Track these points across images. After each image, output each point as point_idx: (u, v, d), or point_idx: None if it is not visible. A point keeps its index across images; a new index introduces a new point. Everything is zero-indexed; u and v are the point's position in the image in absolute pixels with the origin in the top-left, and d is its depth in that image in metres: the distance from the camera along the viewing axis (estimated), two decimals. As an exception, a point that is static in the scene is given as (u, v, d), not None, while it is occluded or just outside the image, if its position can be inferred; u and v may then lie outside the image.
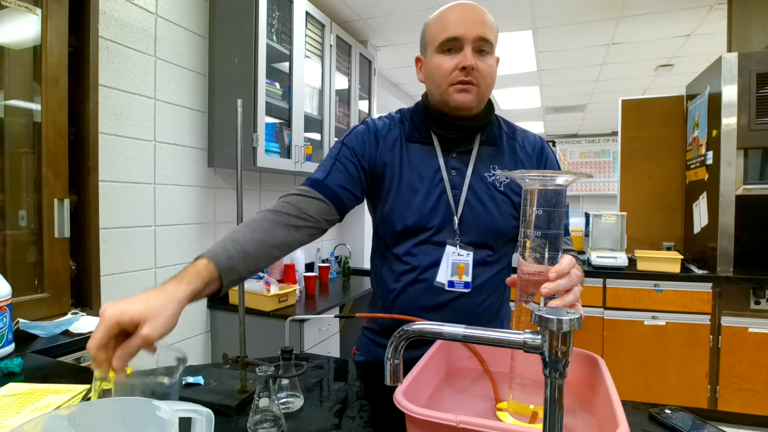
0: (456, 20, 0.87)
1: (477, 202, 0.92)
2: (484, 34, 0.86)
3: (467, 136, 0.95)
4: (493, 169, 0.94)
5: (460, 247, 0.92)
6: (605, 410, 0.57)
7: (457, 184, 0.93)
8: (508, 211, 0.93)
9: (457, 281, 0.92)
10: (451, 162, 0.94)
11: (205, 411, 0.54)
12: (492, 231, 0.92)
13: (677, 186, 3.15)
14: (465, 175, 0.93)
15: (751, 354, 2.45)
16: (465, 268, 0.92)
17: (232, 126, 2.09)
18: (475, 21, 0.86)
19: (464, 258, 0.92)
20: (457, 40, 0.86)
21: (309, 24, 2.46)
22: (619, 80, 4.45)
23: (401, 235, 0.95)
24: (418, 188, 0.93)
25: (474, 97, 0.88)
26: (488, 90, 0.91)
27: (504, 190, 0.93)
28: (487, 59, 0.88)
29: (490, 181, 0.93)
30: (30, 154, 1.46)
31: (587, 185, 7.48)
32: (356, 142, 0.96)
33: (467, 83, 0.87)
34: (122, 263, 1.76)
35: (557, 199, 0.63)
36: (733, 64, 2.44)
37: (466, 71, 0.86)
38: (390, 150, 0.96)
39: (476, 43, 0.86)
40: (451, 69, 0.87)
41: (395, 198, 0.94)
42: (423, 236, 0.93)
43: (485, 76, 0.88)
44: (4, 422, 0.69)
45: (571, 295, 0.63)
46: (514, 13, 2.98)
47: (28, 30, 1.43)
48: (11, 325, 1.08)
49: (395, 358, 0.53)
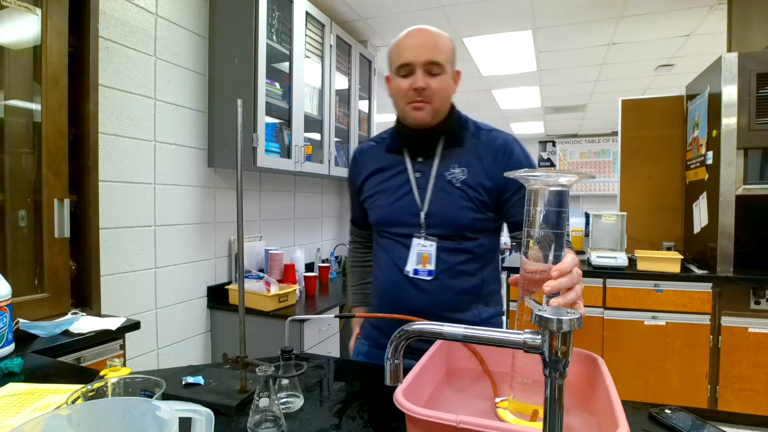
0: (408, 47, 1.00)
1: (437, 198, 1.04)
2: (432, 58, 0.98)
3: (430, 142, 1.07)
4: (452, 168, 1.05)
5: (425, 239, 1.05)
6: (605, 410, 0.57)
7: (423, 185, 1.06)
8: (464, 205, 1.03)
9: (421, 269, 1.05)
10: (417, 166, 1.08)
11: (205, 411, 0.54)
12: (451, 223, 1.03)
13: (677, 186, 3.15)
14: (429, 176, 1.05)
15: (751, 354, 2.44)
16: (429, 258, 1.04)
17: (232, 126, 2.09)
18: (425, 47, 0.99)
19: (427, 248, 1.04)
20: (410, 65, 0.99)
21: (309, 24, 2.46)
22: (619, 80, 4.45)
23: (379, 231, 1.13)
24: (389, 191, 1.10)
25: (427, 113, 1.01)
26: (443, 104, 1.03)
27: (460, 186, 1.03)
28: (438, 79, 1.00)
29: (448, 179, 1.04)
30: (30, 154, 1.46)
31: (587, 185, 7.48)
32: (349, 179, 1.24)
33: (420, 101, 1.00)
34: (122, 263, 1.76)
35: (560, 199, 0.63)
36: (733, 64, 2.44)
37: (417, 92, 0.99)
38: (366, 167, 1.16)
39: (426, 66, 0.99)
40: (405, 90, 1.01)
41: (372, 202, 1.13)
42: (394, 231, 1.09)
43: (436, 92, 1.00)
44: (4, 422, 0.69)
45: (573, 293, 0.64)
46: (514, 13, 2.98)
47: (28, 30, 1.43)
48: (11, 325, 1.08)
49: (395, 358, 0.53)
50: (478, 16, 2.99)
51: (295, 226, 2.93)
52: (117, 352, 1.40)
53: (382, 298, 1.12)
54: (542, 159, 8.17)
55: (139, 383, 0.63)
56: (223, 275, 2.31)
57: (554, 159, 7.89)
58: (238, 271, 1.30)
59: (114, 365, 0.83)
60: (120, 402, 0.52)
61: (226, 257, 2.32)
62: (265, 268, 2.45)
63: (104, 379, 0.63)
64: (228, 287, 2.25)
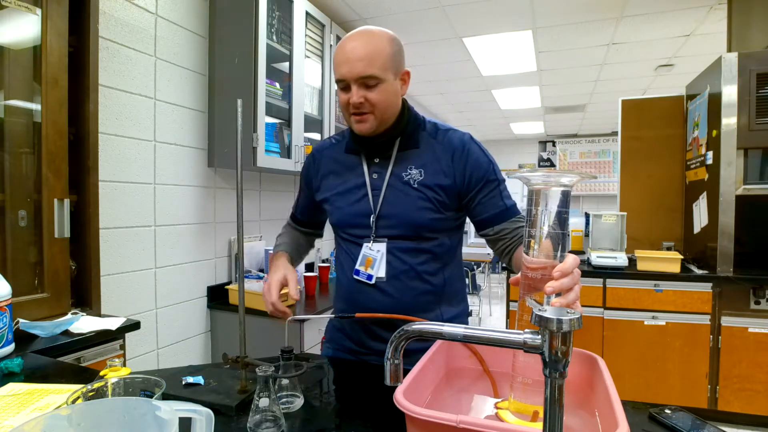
0: (341, 61, 0.97)
1: (394, 199, 1.03)
2: (364, 72, 0.94)
3: (384, 145, 1.05)
4: (410, 169, 1.03)
5: (374, 242, 1.04)
6: (605, 410, 0.57)
7: (378, 186, 1.05)
8: (422, 205, 1.01)
9: (362, 271, 1.04)
10: (373, 167, 1.07)
11: (205, 411, 0.54)
12: (408, 224, 1.02)
13: (677, 186, 3.15)
14: (384, 177, 1.04)
15: (751, 354, 2.45)
16: (372, 262, 1.04)
17: (232, 126, 2.09)
18: (357, 59, 0.94)
19: (373, 252, 1.04)
20: (344, 80, 0.97)
21: (309, 24, 2.46)
22: (619, 80, 4.45)
23: (336, 233, 1.14)
24: (343, 192, 1.09)
25: (370, 124, 1.00)
26: (385, 112, 1.00)
27: (417, 186, 1.02)
28: (377, 90, 0.97)
29: (405, 180, 1.03)
30: (30, 154, 1.46)
31: (587, 185, 7.48)
32: (305, 175, 1.20)
33: (360, 114, 0.99)
34: (122, 263, 1.76)
35: (562, 199, 0.63)
36: (733, 64, 2.44)
37: (355, 106, 0.98)
38: (325, 165, 1.14)
39: (359, 81, 0.96)
40: (345, 103, 1.00)
41: (331, 204, 1.11)
42: (348, 233, 1.09)
43: (376, 104, 0.97)
44: (4, 422, 0.69)
45: (573, 293, 0.64)
46: (514, 13, 2.98)
47: (28, 30, 1.43)
48: (11, 325, 1.08)
49: (395, 358, 0.53)
50: (478, 16, 2.99)
51: (295, 226, 2.93)
52: (117, 352, 1.40)
53: (344, 299, 1.10)
54: (542, 159, 8.18)
55: (139, 383, 0.63)
56: (223, 275, 2.31)
57: (554, 159, 7.89)
58: (238, 271, 1.30)
59: (114, 365, 0.83)
60: (120, 402, 0.52)
61: (226, 257, 2.32)
62: (265, 268, 2.45)
63: (104, 379, 0.63)
64: (228, 287, 2.24)
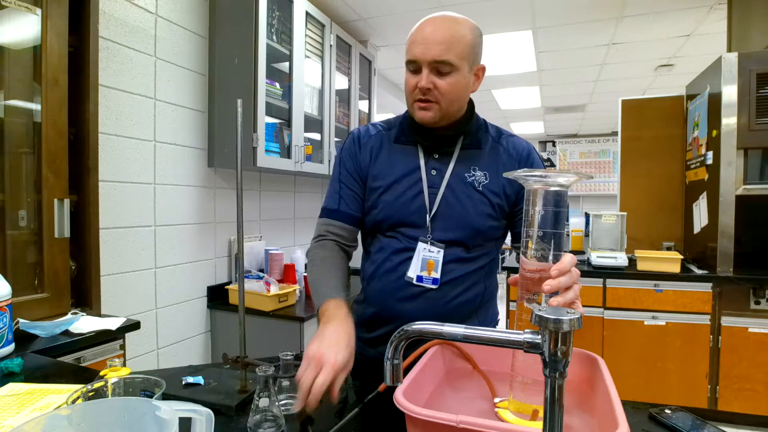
0: (417, 41, 0.91)
1: (454, 200, 0.97)
2: (439, 56, 0.89)
3: (448, 141, 0.99)
4: (474, 171, 0.98)
5: (431, 244, 0.96)
6: (605, 410, 0.57)
7: (436, 183, 0.98)
8: (485, 211, 0.97)
9: (426, 276, 0.96)
10: (432, 163, 0.99)
11: (205, 411, 0.54)
12: (467, 228, 0.96)
13: (677, 186, 3.15)
14: (444, 175, 0.97)
15: (751, 354, 2.44)
16: (435, 265, 0.96)
17: (232, 126, 2.09)
18: (435, 42, 0.89)
19: (434, 255, 0.96)
20: (416, 62, 0.92)
21: (309, 24, 2.46)
22: (619, 80, 4.45)
23: (379, 230, 1.02)
24: (395, 186, 0.99)
25: (434, 113, 0.93)
26: (452, 105, 0.94)
27: (482, 190, 0.97)
28: (448, 79, 0.91)
29: (469, 182, 0.97)
30: (30, 154, 1.46)
31: (587, 185, 7.48)
32: (348, 158, 1.06)
33: (426, 101, 0.93)
34: (122, 263, 1.76)
35: (558, 199, 0.63)
36: (733, 64, 2.44)
37: (422, 91, 0.92)
38: (370, 153, 1.04)
39: (432, 65, 0.90)
40: (412, 87, 0.93)
41: (376, 196, 1.01)
42: (398, 231, 0.99)
43: (445, 93, 0.92)
44: (4, 422, 0.69)
45: (572, 292, 0.64)
46: (514, 13, 2.98)
47: (28, 30, 1.43)
48: (11, 325, 1.08)
49: (395, 358, 0.53)
50: (478, 16, 2.99)
51: (295, 226, 2.93)
52: (117, 352, 1.40)
53: (378, 304, 1.01)
54: (542, 159, 8.17)
55: (139, 383, 0.63)
56: (223, 275, 2.31)
57: (554, 159, 7.89)
58: (238, 271, 1.30)
59: (114, 365, 0.83)
60: (120, 402, 0.52)
61: (226, 257, 2.32)
62: (265, 268, 2.45)
63: (104, 379, 0.63)
64: (228, 287, 2.24)
